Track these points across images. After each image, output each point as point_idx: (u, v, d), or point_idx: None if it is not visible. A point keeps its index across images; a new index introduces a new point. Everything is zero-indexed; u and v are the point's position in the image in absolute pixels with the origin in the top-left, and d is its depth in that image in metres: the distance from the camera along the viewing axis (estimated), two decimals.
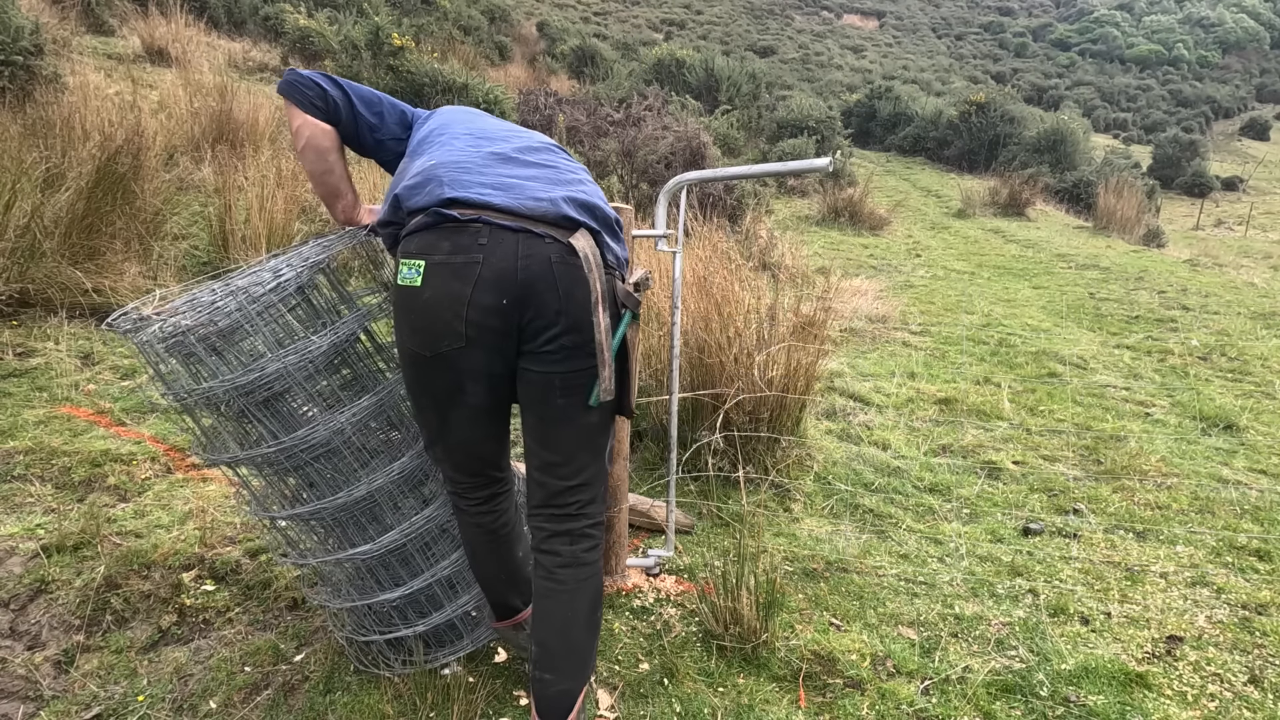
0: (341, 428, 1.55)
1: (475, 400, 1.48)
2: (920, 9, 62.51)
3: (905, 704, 1.80)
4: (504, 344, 1.41)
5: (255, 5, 11.41)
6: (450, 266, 1.37)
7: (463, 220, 1.38)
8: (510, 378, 1.48)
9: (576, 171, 1.56)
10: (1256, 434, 3.58)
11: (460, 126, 1.58)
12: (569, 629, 1.48)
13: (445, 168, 1.45)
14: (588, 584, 1.51)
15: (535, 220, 1.40)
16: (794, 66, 32.01)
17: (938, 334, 5.02)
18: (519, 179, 1.45)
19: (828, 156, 1.96)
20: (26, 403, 2.84)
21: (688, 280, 2.91)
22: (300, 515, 1.63)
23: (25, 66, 5.39)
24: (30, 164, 3.45)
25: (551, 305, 1.38)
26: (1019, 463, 3.18)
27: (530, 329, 1.40)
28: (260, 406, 1.51)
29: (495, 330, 1.39)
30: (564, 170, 1.53)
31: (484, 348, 1.41)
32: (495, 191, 1.41)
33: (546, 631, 1.48)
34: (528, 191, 1.42)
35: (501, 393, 1.50)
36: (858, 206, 9.23)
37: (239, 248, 4.23)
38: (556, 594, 1.48)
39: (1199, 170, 21.56)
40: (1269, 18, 60.81)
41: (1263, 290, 7.20)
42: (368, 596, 1.72)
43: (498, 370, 1.45)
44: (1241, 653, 2.04)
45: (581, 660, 1.51)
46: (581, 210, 1.44)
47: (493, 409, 1.52)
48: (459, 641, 1.86)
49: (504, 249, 1.36)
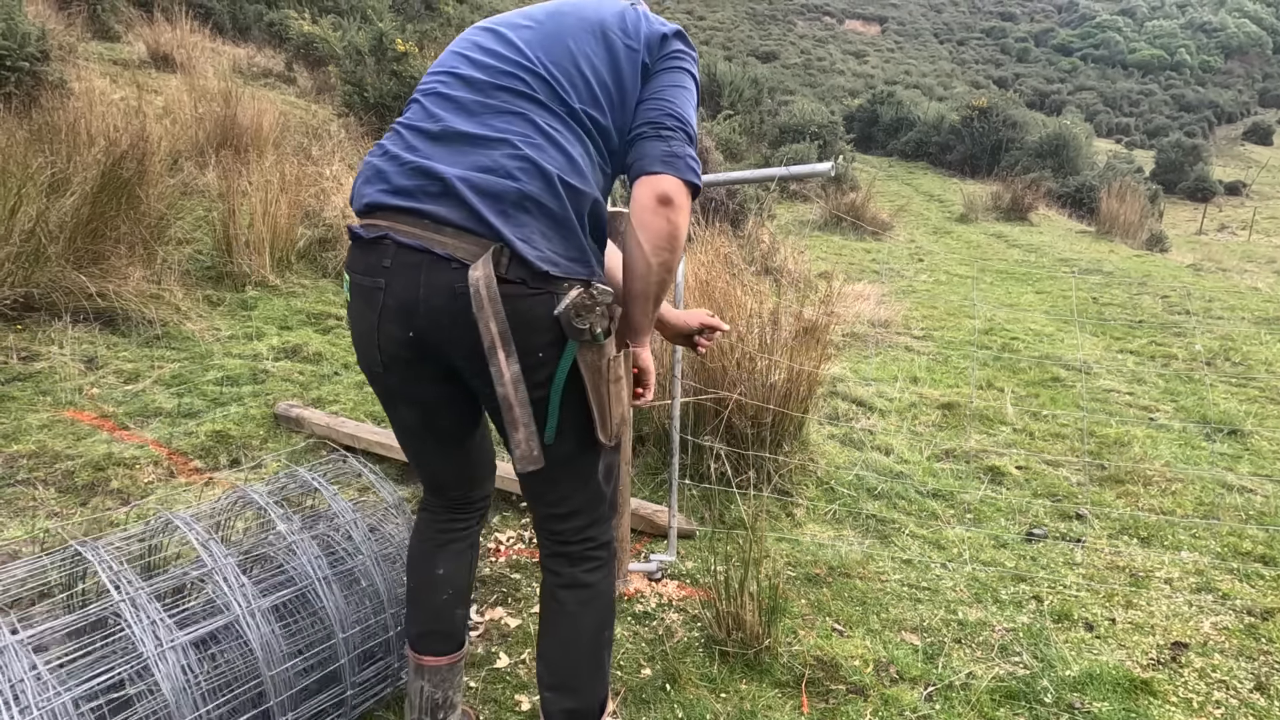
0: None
1: (411, 421, 1.37)
2: (922, 14, 62.62)
3: (908, 710, 1.79)
4: (421, 372, 1.26)
5: (260, 11, 11.46)
6: (362, 289, 1.22)
7: (368, 239, 1.20)
8: (452, 402, 1.33)
9: (553, 116, 1.23)
10: (1261, 439, 3.57)
11: (442, 63, 1.32)
12: (569, 649, 1.41)
13: (379, 151, 1.25)
14: (590, 606, 1.40)
15: (441, 234, 1.15)
16: (796, 72, 32.07)
17: (940, 339, 5.02)
18: (450, 164, 1.17)
19: (830, 161, 1.96)
20: (30, 406, 2.85)
21: (690, 285, 2.91)
22: None
23: (31, 72, 5.42)
24: (36, 169, 3.47)
25: (464, 341, 1.17)
26: (1022, 468, 3.17)
27: (449, 360, 1.23)
28: None
29: (407, 361, 1.24)
30: (531, 115, 1.21)
31: (400, 376, 1.27)
32: (406, 193, 1.18)
33: (549, 649, 1.41)
34: (449, 187, 1.15)
35: (442, 418, 1.36)
36: (860, 211, 9.24)
37: (243, 252, 4.25)
38: (559, 615, 1.40)
39: (1202, 175, 21.54)
40: (1271, 23, 60.81)
41: (1267, 295, 7.18)
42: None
43: (429, 396, 1.31)
44: (1247, 659, 2.03)
45: (586, 681, 1.41)
46: (510, 207, 1.15)
47: (438, 432, 1.39)
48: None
49: (407, 275, 1.16)
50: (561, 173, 1.19)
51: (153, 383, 3.16)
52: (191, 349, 3.50)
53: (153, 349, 3.45)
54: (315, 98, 9.13)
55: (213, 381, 3.24)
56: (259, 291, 4.23)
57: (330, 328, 4.04)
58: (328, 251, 4.76)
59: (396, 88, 7.70)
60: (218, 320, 3.85)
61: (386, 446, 2.72)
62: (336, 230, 4.85)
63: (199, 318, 3.77)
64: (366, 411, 3.16)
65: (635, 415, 2.59)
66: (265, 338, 3.75)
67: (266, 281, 4.30)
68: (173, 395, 3.09)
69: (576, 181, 1.20)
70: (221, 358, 3.47)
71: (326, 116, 8.06)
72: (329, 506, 1.67)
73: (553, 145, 1.20)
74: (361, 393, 3.33)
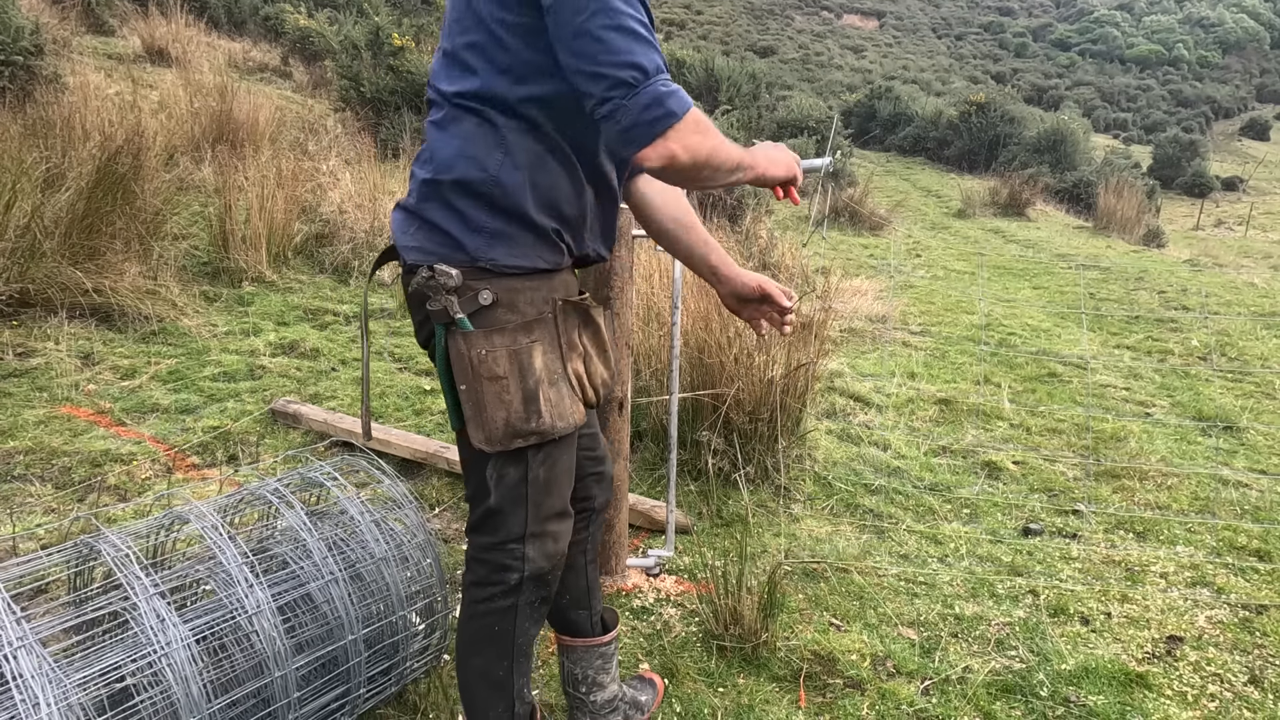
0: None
1: None
2: (920, 9, 62.54)
3: (905, 704, 1.80)
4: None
5: (255, 5, 11.41)
6: None
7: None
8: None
9: (435, 108, 1.16)
10: (1257, 434, 3.58)
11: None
12: (458, 658, 1.33)
13: None
14: (464, 621, 1.27)
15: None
16: (794, 66, 32.03)
17: (938, 334, 5.02)
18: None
19: (828, 156, 1.95)
20: (27, 403, 2.84)
21: (688, 280, 2.91)
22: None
23: (25, 66, 5.39)
24: (30, 164, 3.45)
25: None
26: (1019, 463, 3.18)
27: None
28: None
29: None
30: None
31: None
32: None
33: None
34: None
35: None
36: (858, 207, 9.23)
37: (239, 248, 4.24)
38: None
39: (1199, 170, 21.57)
40: (1269, 18, 60.82)
41: (1263, 290, 7.19)
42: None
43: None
44: (1242, 653, 2.04)
45: (462, 696, 1.31)
46: (394, 215, 1.20)
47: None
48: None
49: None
50: (417, 168, 1.17)
51: (149, 379, 3.15)
52: (188, 345, 3.50)
53: (149, 345, 3.44)
54: (311, 92, 9.10)
55: (209, 377, 3.24)
56: (256, 287, 4.22)
57: (327, 324, 4.03)
58: (324, 247, 4.74)
59: (393, 82, 7.68)
60: (214, 316, 3.84)
61: (384, 442, 2.72)
62: (334, 226, 4.84)
63: (195, 314, 3.76)
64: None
65: (633, 412, 2.59)
66: (262, 333, 3.74)
67: (263, 277, 4.29)
68: (169, 391, 3.08)
69: (422, 172, 1.15)
70: (218, 354, 3.46)
71: (323, 111, 8.03)
72: (337, 502, 1.66)
73: (428, 144, 1.18)
74: (359, 389, 3.32)
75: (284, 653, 1.34)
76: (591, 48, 0.98)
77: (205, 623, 1.36)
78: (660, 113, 0.99)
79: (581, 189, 1.18)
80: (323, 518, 1.69)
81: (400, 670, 1.62)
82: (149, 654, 1.23)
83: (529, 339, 1.15)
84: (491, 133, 1.09)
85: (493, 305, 1.12)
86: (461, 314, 1.11)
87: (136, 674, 1.36)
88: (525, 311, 1.14)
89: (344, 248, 4.73)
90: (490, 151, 1.09)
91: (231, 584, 1.36)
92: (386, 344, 3.89)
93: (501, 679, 1.28)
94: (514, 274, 1.13)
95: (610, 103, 0.99)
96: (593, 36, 0.97)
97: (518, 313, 1.13)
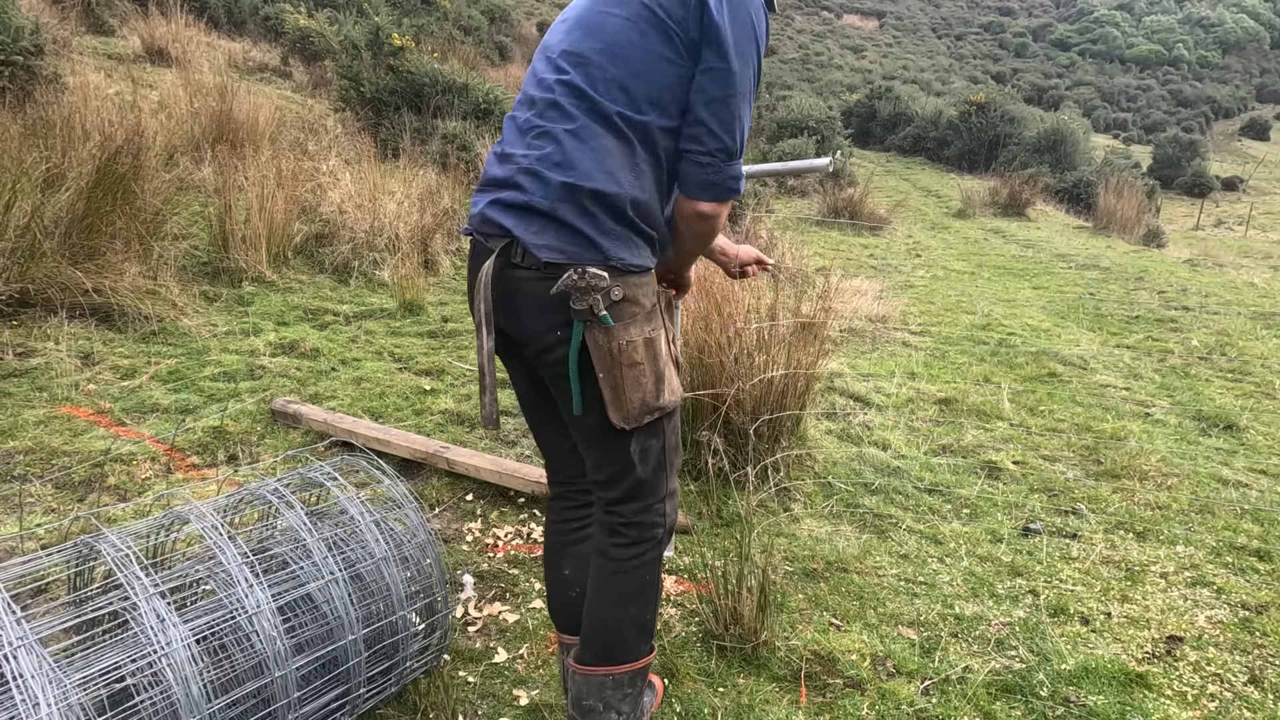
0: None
1: (521, 390, 1.54)
2: (920, 9, 62.55)
3: (905, 704, 1.80)
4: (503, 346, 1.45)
5: (255, 5, 11.41)
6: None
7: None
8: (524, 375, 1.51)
9: (567, 118, 1.30)
10: (1256, 434, 3.58)
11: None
12: (592, 612, 1.48)
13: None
14: (612, 580, 1.47)
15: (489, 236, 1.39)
16: (794, 66, 32.03)
17: (938, 334, 5.02)
18: (512, 157, 1.35)
19: (828, 156, 1.95)
20: (27, 403, 2.84)
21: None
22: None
23: (25, 66, 5.39)
24: (30, 164, 3.45)
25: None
26: (1019, 463, 3.18)
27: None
28: None
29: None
30: (550, 120, 1.32)
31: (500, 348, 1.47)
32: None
33: (587, 603, 1.50)
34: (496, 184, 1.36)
35: (520, 387, 1.54)
36: (858, 206, 9.23)
37: (239, 248, 4.24)
38: (593, 577, 1.50)
39: (1199, 170, 21.58)
40: (1269, 18, 60.83)
41: (1263, 290, 7.20)
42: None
43: (511, 368, 1.52)
44: (1241, 653, 2.04)
45: (601, 646, 1.48)
46: (506, 211, 1.32)
47: (526, 401, 1.55)
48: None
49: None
50: (546, 169, 1.29)
51: (149, 379, 3.15)
52: (188, 345, 3.50)
53: (149, 345, 3.44)
54: (311, 92, 9.10)
55: (209, 377, 3.24)
56: (256, 287, 4.22)
57: (327, 323, 4.03)
58: (324, 247, 4.74)
59: (393, 82, 7.68)
60: (214, 316, 3.84)
61: (384, 442, 2.72)
62: (333, 226, 4.84)
63: (195, 313, 3.76)
64: (364, 407, 3.15)
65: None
66: (262, 333, 3.74)
67: (263, 277, 4.29)
68: (169, 391, 3.08)
69: (558, 175, 1.28)
70: (218, 354, 3.46)
71: (323, 111, 8.03)
72: (336, 502, 1.66)
73: (560, 148, 1.30)
74: (359, 388, 3.32)
75: (284, 653, 1.34)
76: (725, 115, 1.28)
77: (205, 623, 1.36)
78: (734, 185, 1.34)
79: (666, 206, 1.41)
80: (323, 518, 1.69)
81: (400, 670, 1.62)
82: (149, 654, 1.23)
83: (651, 328, 1.34)
84: (630, 154, 1.29)
85: (622, 300, 1.29)
86: (604, 310, 1.27)
87: (136, 674, 1.36)
88: (644, 304, 1.32)
89: (344, 248, 4.73)
90: (625, 170, 1.29)
91: (231, 584, 1.36)
92: (386, 344, 3.89)
93: (649, 621, 1.51)
94: (635, 271, 1.31)
95: (713, 157, 1.30)
96: (729, 109, 1.28)
97: (639, 305, 1.31)
